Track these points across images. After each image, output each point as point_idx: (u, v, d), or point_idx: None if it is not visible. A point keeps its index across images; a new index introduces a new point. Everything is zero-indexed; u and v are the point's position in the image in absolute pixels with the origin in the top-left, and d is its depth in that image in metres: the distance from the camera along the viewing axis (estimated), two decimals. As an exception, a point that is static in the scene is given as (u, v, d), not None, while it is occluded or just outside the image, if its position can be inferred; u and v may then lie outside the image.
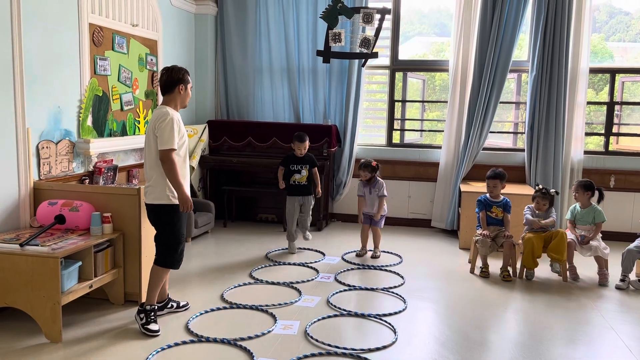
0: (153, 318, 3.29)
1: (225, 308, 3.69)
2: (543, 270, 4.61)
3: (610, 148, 5.98)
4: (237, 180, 6.37)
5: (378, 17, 4.86)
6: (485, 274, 4.51)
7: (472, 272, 4.62)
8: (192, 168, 5.79)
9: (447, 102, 6.08)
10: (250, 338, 3.19)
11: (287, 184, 5.02)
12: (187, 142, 3.40)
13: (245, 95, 6.46)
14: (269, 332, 3.30)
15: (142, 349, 3.04)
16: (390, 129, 6.39)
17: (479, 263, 4.61)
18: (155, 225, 3.35)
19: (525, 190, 5.35)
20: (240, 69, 6.41)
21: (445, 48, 6.85)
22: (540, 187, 4.62)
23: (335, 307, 3.71)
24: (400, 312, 3.68)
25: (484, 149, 5.97)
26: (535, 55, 5.62)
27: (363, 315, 3.59)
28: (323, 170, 5.71)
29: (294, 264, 4.72)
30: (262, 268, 4.57)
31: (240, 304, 3.72)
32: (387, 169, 6.10)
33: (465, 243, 5.32)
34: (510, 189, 5.17)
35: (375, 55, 5.06)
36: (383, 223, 5.07)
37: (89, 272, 3.37)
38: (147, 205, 3.34)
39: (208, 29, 6.32)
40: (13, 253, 3.12)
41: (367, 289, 4.14)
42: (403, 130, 6.47)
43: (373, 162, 4.96)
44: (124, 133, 4.85)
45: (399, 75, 6.35)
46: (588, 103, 5.88)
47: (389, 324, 3.45)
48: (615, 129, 5.98)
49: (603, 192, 4.64)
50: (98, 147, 4.33)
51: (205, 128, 6.14)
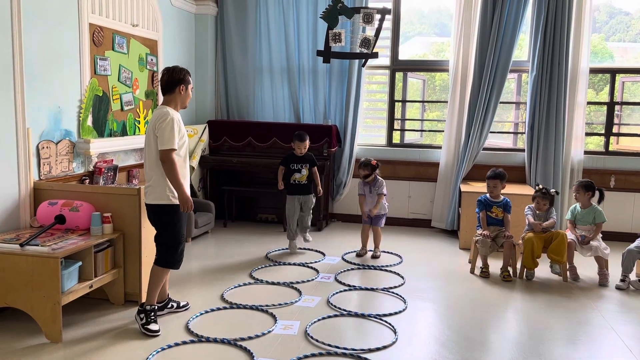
0: (153, 318, 3.29)
1: (226, 308, 3.69)
2: (543, 271, 4.61)
3: (611, 148, 5.98)
4: (237, 181, 6.37)
5: (378, 17, 4.86)
6: (486, 274, 4.51)
7: (472, 272, 4.62)
8: (192, 168, 5.78)
9: (447, 102, 6.08)
10: (251, 338, 3.19)
11: (287, 183, 5.02)
12: (187, 142, 3.40)
13: (246, 95, 6.46)
14: (269, 332, 3.30)
15: (142, 349, 3.04)
16: (391, 129, 6.39)
17: (479, 263, 4.61)
18: (156, 226, 3.35)
19: (526, 191, 5.35)
20: (241, 69, 6.41)
21: (446, 48, 6.84)
22: (541, 187, 4.62)
23: (336, 307, 3.71)
24: (401, 312, 3.68)
25: (484, 149, 5.97)
26: (536, 56, 5.62)
27: (363, 316, 3.59)
28: (323, 170, 5.70)
29: (294, 264, 4.72)
30: (262, 268, 4.57)
31: (241, 304, 3.72)
32: (387, 169, 6.10)
33: (466, 243, 5.32)
34: (511, 189, 5.17)
35: (376, 56, 5.05)
36: (384, 222, 5.07)
37: (89, 272, 3.37)
38: (147, 206, 3.34)
39: (208, 29, 6.31)
40: (13, 253, 3.12)
41: (367, 289, 4.14)
42: (403, 131, 6.47)
43: (373, 160, 4.96)
44: (124, 133, 4.85)
45: (399, 76, 6.35)
46: (588, 103, 5.89)
47: (389, 324, 3.45)
48: (616, 129, 5.98)
49: (604, 192, 4.65)
50: (98, 147, 4.33)
51: (206, 128, 6.14)
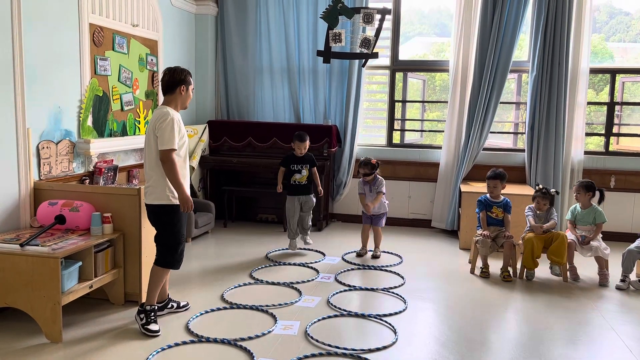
0: (153, 318, 3.29)
1: (226, 308, 3.69)
2: (543, 271, 4.61)
3: (611, 148, 5.98)
4: (237, 181, 6.37)
5: (378, 17, 4.86)
6: (486, 274, 4.50)
7: (472, 272, 4.62)
8: (192, 168, 5.78)
9: (447, 102, 6.08)
10: (251, 338, 3.19)
11: (287, 184, 5.02)
12: (187, 142, 3.40)
13: (246, 96, 6.46)
14: (269, 332, 3.30)
15: (142, 349, 3.04)
16: (391, 129, 6.39)
17: (479, 263, 4.61)
18: (156, 226, 3.35)
19: (526, 191, 5.35)
20: (241, 69, 6.41)
21: (446, 48, 6.84)
22: (541, 186, 4.62)
23: (336, 307, 3.71)
24: (401, 312, 3.68)
25: (484, 149, 5.97)
26: (536, 56, 5.62)
27: (363, 316, 3.59)
28: (323, 171, 5.70)
29: (294, 264, 4.72)
30: (262, 268, 4.57)
31: (241, 304, 3.72)
32: (387, 169, 6.10)
33: (466, 243, 5.32)
34: (511, 189, 5.17)
35: (376, 56, 5.06)
36: (384, 222, 5.06)
37: (89, 272, 3.37)
38: (147, 206, 3.34)
39: (208, 29, 6.31)
40: (13, 253, 3.12)
41: (367, 289, 4.14)
42: (403, 131, 6.47)
43: (373, 159, 4.96)
44: (124, 133, 4.85)
45: (399, 76, 6.35)
46: (588, 103, 5.89)
47: (389, 324, 3.45)
48: (616, 129, 5.98)
49: (604, 192, 4.64)
50: (98, 147, 4.33)
51: (206, 128, 6.14)
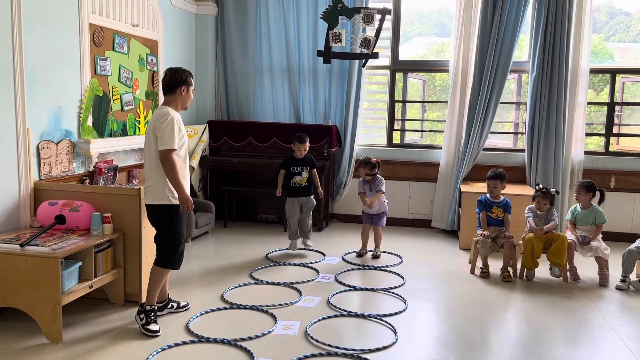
0: (153, 318, 3.29)
1: (226, 308, 3.69)
2: (543, 271, 4.61)
3: (611, 148, 5.98)
4: (237, 181, 6.37)
5: (378, 17, 4.86)
6: (486, 275, 4.50)
7: (472, 272, 4.62)
8: (192, 168, 5.78)
9: (447, 102, 6.08)
10: (251, 338, 3.19)
11: (287, 186, 5.01)
12: (187, 142, 3.40)
13: (246, 96, 6.46)
14: (270, 332, 3.30)
15: (142, 350, 3.04)
16: (391, 130, 6.39)
17: (480, 263, 4.61)
18: (155, 226, 3.35)
19: (526, 191, 5.35)
20: (241, 69, 6.41)
21: (446, 48, 6.84)
22: (541, 186, 4.62)
23: (336, 307, 3.71)
24: (401, 312, 3.68)
25: (485, 150, 5.97)
26: (536, 56, 5.62)
27: (363, 316, 3.59)
28: (323, 171, 5.70)
29: (294, 265, 4.72)
30: (262, 268, 4.57)
31: (241, 305, 3.72)
32: (387, 170, 6.09)
33: (466, 243, 5.32)
34: (511, 190, 5.17)
35: (376, 56, 5.06)
36: (385, 222, 5.06)
37: (89, 272, 3.37)
38: (147, 206, 3.34)
39: (208, 29, 6.31)
40: (13, 253, 3.12)
41: (367, 290, 4.14)
42: (403, 131, 6.47)
43: (373, 159, 4.96)
44: (125, 133, 4.85)
45: (399, 76, 6.35)
46: (588, 103, 5.89)
47: (390, 325, 3.45)
48: (616, 130, 5.98)
49: (604, 193, 4.64)
50: (98, 147, 4.33)
51: (206, 128, 6.14)
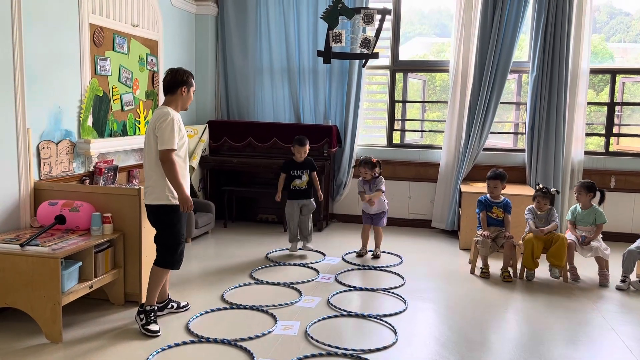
0: (153, 318, 3.29)
1: (226, 308, 3.69)
2: (543, 271, 4.60)
3: (611, 149, 5.98)
4: (237, 181, 6.37)
5: (378, 17, 4.86)
6: (486, 275, 4.50)
7: (472, 272, 4.62)
8: (192, 168, 5.78)
9: (447, 102, 6.08)
10: (251, 339, 3.19)
11: (287, 187, 5.01)
12: (187, 142, 3.40)
13: (246, 96, 6.46)
14: (270, 332, 3.30)
15: (142, 350, 3.04)
16: (391, 130, 6.39)
17: (480, 264, 4.61)
18: (155, 226, 3.35)
19: (526, 191, 5.35)
20: (241, 70, 6.41)
21: (446, 49, 6.84)
22: (541, 186, 4.62)
23: (336, 307, 3.71)
24: (401, 312, 3.68)
25: (485, 150, 5.97)
26: (536, 56, 5.62)
27: (363, 316, 3.59)
28: (323, 171, 5.70)
29: (295, 265, 4.72)
30: (262, 268, 4.57)
31: (241, 305, 3.72)
32: (387, 170, 6.09)
33: (466, 244, 5.32)
34: (511, 190, 5.17)
35: (376, 56, 5.05)
36: (385, 222, 5.06)
37: (89, 272, 3.37)
38: (147, 206, 3.34)
39: (208, 30, 6.31)
40: (13, 253, 3.12)
41: (367, 290, 4.14)
42: (403, 131, 6.47)
43: (373, 158, 4.95)
44: (125, 133, 4.85)
45: (400, 76, 6.35)
46: (588, 104, 5.89)
47: (390, 325, 3.45)
48: (616, 130, 5.98)
49: (605, 193, 4.63)
50: (98, 147, 4.33)
51: (206, 128, 6.14)
